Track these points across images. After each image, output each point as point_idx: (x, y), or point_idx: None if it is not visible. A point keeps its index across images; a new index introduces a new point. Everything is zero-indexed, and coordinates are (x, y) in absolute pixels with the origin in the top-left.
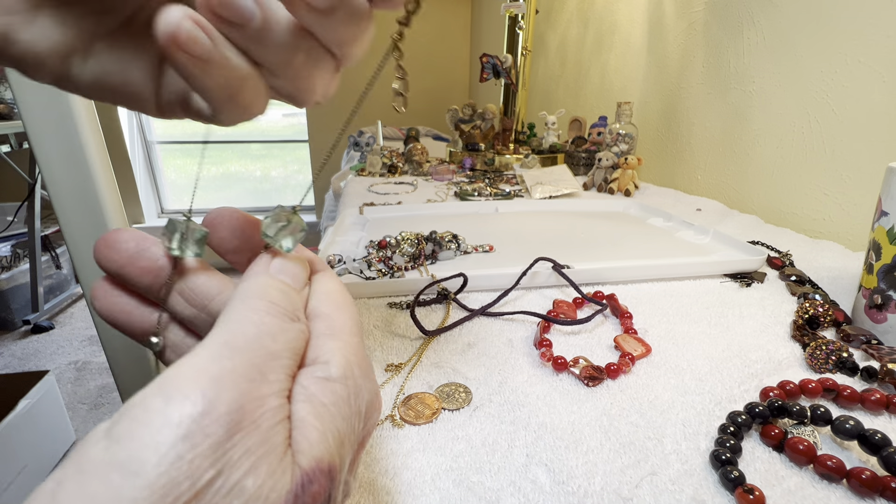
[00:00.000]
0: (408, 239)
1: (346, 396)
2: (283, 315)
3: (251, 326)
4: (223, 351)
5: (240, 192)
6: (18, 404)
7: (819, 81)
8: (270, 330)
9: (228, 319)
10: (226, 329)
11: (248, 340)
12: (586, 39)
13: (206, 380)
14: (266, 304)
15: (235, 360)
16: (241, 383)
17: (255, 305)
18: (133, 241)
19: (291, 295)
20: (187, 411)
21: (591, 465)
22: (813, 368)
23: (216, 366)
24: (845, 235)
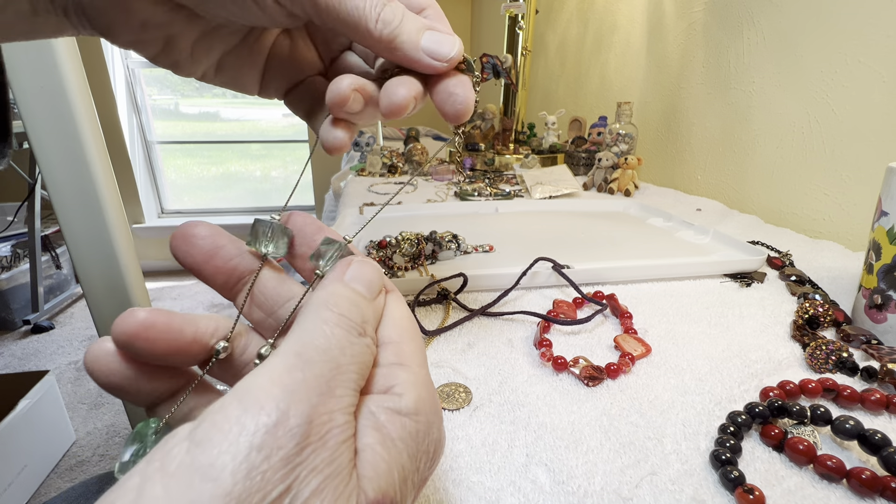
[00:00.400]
0: (408, 239)
1: (414, 433)
2: (351, 328)
3: (322, 338)
4: (296, 362)
5: (240, 192)
6: (18, 404)
7: (819, 81)
8: (339, 343)
9: (302, 329)
10: (299, 339)
11: (319, 352)
12: (586, 39)
13: (280, 390)
14: (336, 317)
15: (307, 373)
16: (311, 396)
17: (326, 317)
18: (210, 238)
19: (362, 306)
20: (262, 421)
21: (591, 465)
22: (813, 368)
23: (289, 377)
24: (845, 235)
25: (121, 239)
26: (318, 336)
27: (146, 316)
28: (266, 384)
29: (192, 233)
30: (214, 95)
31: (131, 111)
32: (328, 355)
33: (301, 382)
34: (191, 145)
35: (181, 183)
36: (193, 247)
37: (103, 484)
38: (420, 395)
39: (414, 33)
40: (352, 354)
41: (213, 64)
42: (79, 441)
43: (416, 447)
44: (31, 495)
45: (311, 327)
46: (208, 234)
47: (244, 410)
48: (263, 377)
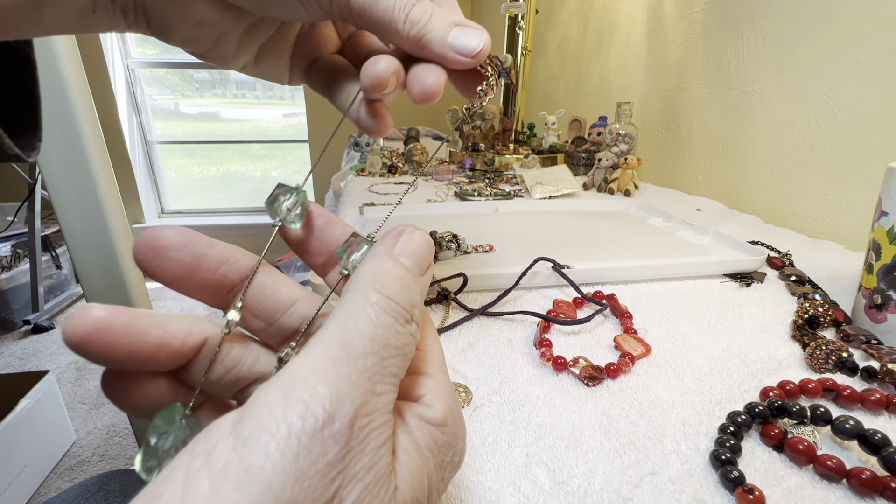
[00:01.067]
0: None
1: (442, 443)
2: (399, 315)
3: (367, 325)
4: (340, 354)
5: (240, 192)
6: (18, 404)
7: (819, 81)
8: (385, 332)
9: (346, 312)
10: (343, 325)
11: (363, 342)
12: (586, 39)
13: (326, 388)
14: (384, 300)
15: (350, 367)
16: (355, 396)
17: (373, 300)
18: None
19: (411, 286)
20: (309, 423)
21: (591, 464)
22: (813, 368)
23: (334, 371)
24: (845, 235)
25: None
26: (364, 322)
27: (102, 315)
28: (311, 379)
29: (163, 243)
30: (214, 96)
31: (131, 111)
32: (373, 346)
33: (346, 378)
34: (191, 145)
35: (181, 183)
36: (167, 260)
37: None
38: (448, 406)
39: (441, 30)
40: (396, 346)
41: (252, 55)
42: (79, 441)
43: (441, 458)
44: (31, 495)
45: (357, 311)
46: (183, 241)
47: (289, 406)
48: (307, 369)
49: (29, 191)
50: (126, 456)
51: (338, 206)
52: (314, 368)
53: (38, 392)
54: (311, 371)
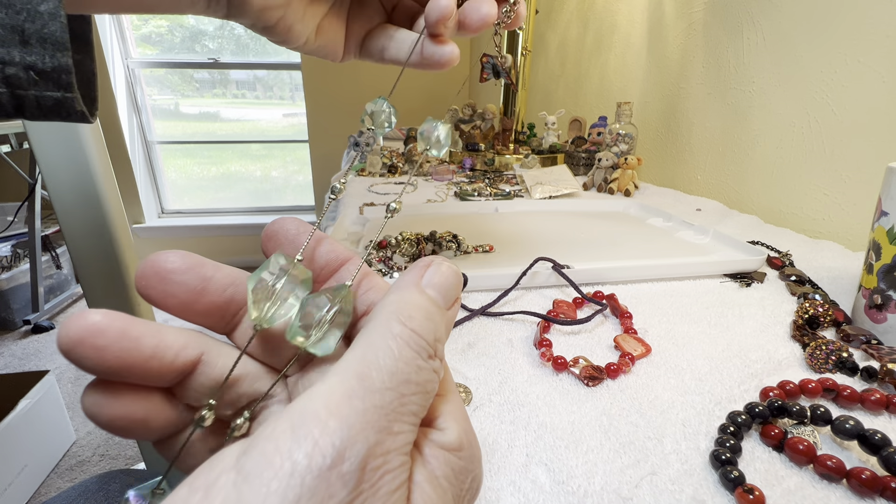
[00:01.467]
0: (408, 239)
1: (459, 470)
2: (422, 349)
3: (388, 359)
4: (356, 388)
5: (240, 192)
6: (18, 404)
7: (819, 81)
8: (406, 367)
9: (367, 342)
10: (362, 356)
11: (382, 376)
12: (586, 39)
13: (337, 423)
14: (408, 333)
15: (367, 402)
16: (369, 434)
17: (395, 331)
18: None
19: (436, 319)
20: (316, 462)
21: (591, 465)
22: (813, 368)
23: (348, 406)
24: (845, 235)
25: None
26: (384, 355)
27: (98, 319)
28: (322, 413)
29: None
30: (214, 96)
31: (131, 111)
32: (392, 381)
33: (360, 414)
34: (191, 145)
35: (181, 183)
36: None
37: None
38: (463, 429)
39: None
40: (417, 382)
41: (313, 29)
42: (79, 441)
43: (460, 487)
44: (31, 495)
45: (378, 342)
46: (188, 265)
47: (296, 442)
48: (319, 401)
49: (29, 191)
50: (126, 456)
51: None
52: (327, 401)
53: (38, 392)
54: (323, 404)
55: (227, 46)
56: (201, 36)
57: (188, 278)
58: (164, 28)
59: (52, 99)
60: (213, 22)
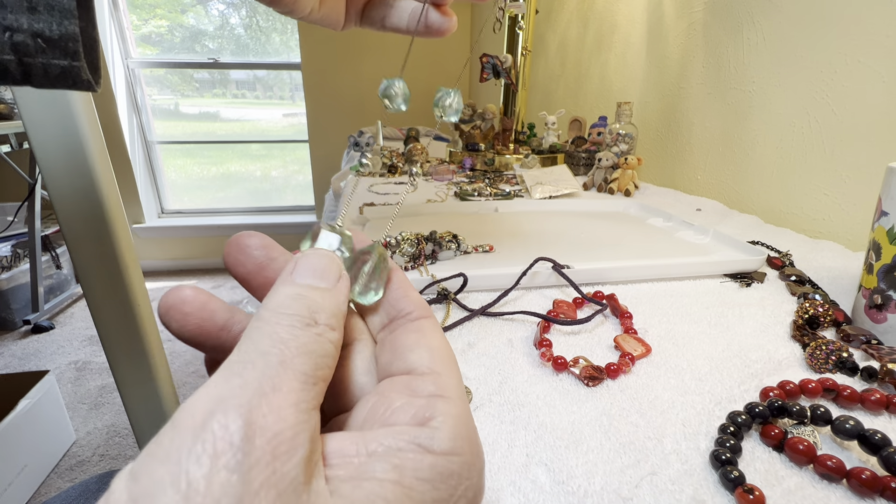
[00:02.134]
0: (408, 239)
1: (447, 474)
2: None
3: (264, 339)
4: (233, 367)
5: (240, 192)
6: (18, 404)
7: (819, 81)
8: (280, 338)
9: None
10: (237, 349)
11: (258, 353)
12: (586, 39)
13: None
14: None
15: (246, 376)
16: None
17: (267, 317)
18: (263, 249)
19: (312, 297)
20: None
21: (591, 465)
22: (813, 368)
23: (225, 385)
24: (845, 235)
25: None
26: (256, 339)
27: (188, 292)
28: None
29: (247, 243)
30: (214, 96)
31: (131, 111)
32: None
33: (238, 387)
34: (191, 145)
35: (181, 183)
36: (248, 256)
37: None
38: (458, 433)
39: None
40: (297, 346)
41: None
42: (79, 441)
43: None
44: (31, 495)
45: (251, 334)
46: (263, 244)
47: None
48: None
49: (29, 191)
50: (126, 456)
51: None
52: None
53: (38, 392)
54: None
55: (227, 46)
56: (201, 36)
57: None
58: (164, 28)
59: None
60: (213, 22)
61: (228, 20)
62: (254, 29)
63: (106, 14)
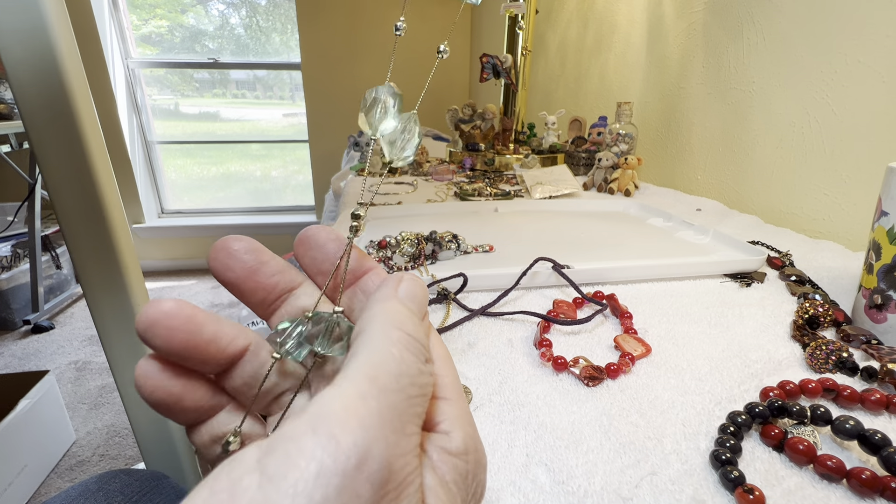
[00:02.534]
0: (408, 239)
1: (465, 473)
2: (420, 353)
3: (393, 363)
4: (370, 389)
5: (240, 192)
6: (18, 404)
7: (819, 81)
8: (409, 370)
9: (370, 348)
10: (368, 360)
11: (391, 379)
12: (586, 39)
13: (357, 424)
14: (406, 339)
15: (381, 402)
16: (388, 434)
17: (394, 337)
18: (253, 253)
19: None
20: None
21: (591, 465)
22: (813, 368)
23: (364, 407)
24: (845, 235)
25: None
26: (389, 359)
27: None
28: (341, 413)
29: (235, 247)
30: (214, 95)
31: (131, 111)
32: (400, 383)
33: (376, 415)
34: (191, 145)
35: (181, 183)
36: (235, 261)
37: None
38: (467, 433)
39: None
40: (420, 385)
41: None
42: (79, 441)
43: (465, 490)
44: (31, 495)
45: (381, 347)
46: (251, 248)
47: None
48: (336, 403)
49: (29, 191)
50: (126, 456)
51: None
52: (344, 403)
53: (38, 392)
54: (340, 405)
55: (226, 46)
56: (201, 36)
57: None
58: (165, 28)
59: None
60: (213, 22)
61: (228, 20)
62: (254, 29)
63: (106, 14)
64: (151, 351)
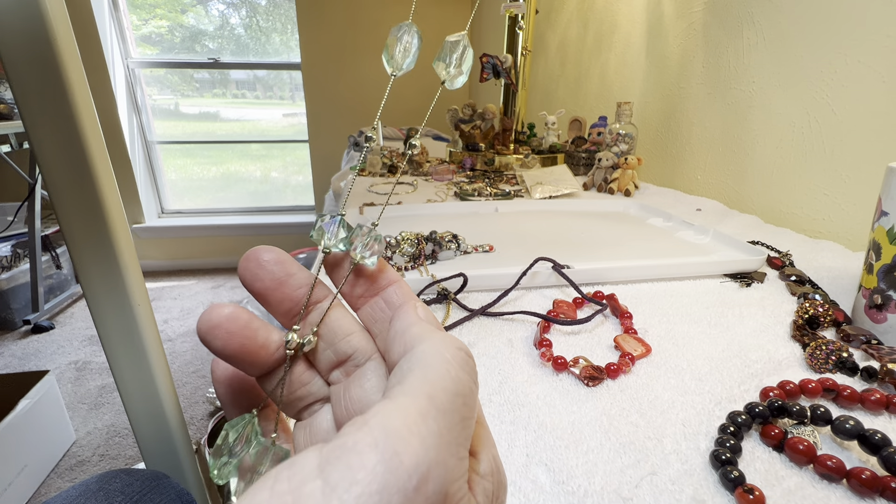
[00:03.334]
0: (408, 239)
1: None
2: (472, 372)
3: (451, 382)
4: (429, 408)
5: (240, 193)
6: (18, 404)
7: (819, 81)
8: (464, 390)
9: (425, 364)
10: (426, 377)
11: (448, 399)
12: (586, 39)
13: (418, 443)
14: (461, 357)
15: (441, 423)
16: (446, 458)
17: (448, 355)
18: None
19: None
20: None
21: (591, 465)
22: (813, 368)
23: (424, 426)
24: (845, 235)
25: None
26: (446, 377)
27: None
28: (403, 430)
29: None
30: (214, 95)
31: (131, 111)
32: (455, 404)
33: (436, 436)
34: (191, 145)
35: (181, 183)
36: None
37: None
38: (492, 454)
39: None
40: (471, 406)
41: None
42: (79, 441)
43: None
44: (31, 495)
45: (436, 365)
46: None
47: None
48: (397, 419)
49: (29, 191)
50: (126, 456)
51: (338, 206)
52: (405, 420)
53: (38, 392)
54: (402, 421)
55: (227, 46)
56: (201, 36)
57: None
58: (165, 28)
59: None
60: (213, 22)
61: (228, 20)
62: (254, 29)
63: (106, 14)
64: None
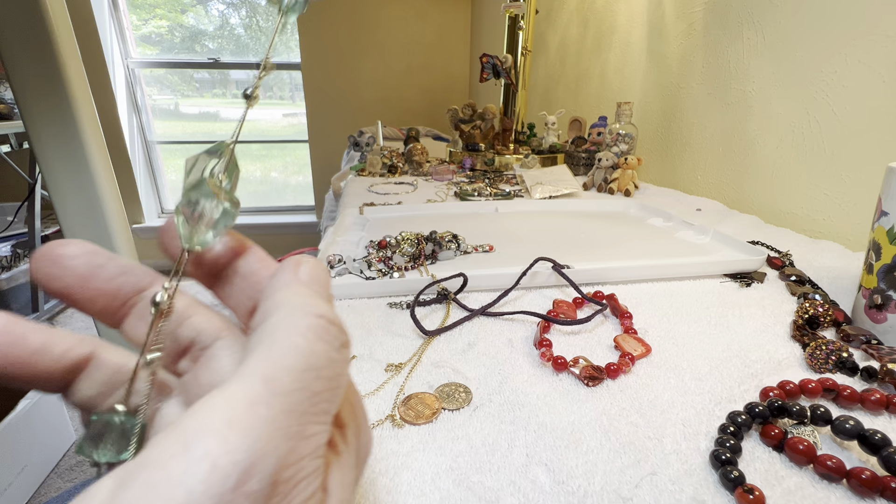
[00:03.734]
0: (408, 239)
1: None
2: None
3: (297, 357)
4: (263, 393)
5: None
6: (18, 404)
7: (819, 81)
8: (317, 362)
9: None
10: (267, 357)
11: (292, 377)
12: (586, 39)
13: (240, 437)
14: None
15: (276, 408)
16: (279, 443)
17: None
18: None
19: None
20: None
21: (591, 465)
22: (813, 368)
23: (252, 415)
24: (845, 235)
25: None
26: (292, 353)
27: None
28: (222, 426)
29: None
30: (214, 96)
31: (131, 111)
32: (303, 381)
33: (268, 422)
34: (191, 145)
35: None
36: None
37: None
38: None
39: None
40: (328, 377)
41: None
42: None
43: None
44: (31, 495)
45: (284, 340)
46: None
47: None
48: (218, 413)
49: (29, 191)
50: None
51: (338, 206)
52: (227, 414)
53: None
54: (222, 416)
55: (226, 46)
56: (201, 36)
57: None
58: (164, 28)
59: None
60: (213, 22)
61: (228, 20)
62: (254, 29)
63: (106, 14)
64: None
